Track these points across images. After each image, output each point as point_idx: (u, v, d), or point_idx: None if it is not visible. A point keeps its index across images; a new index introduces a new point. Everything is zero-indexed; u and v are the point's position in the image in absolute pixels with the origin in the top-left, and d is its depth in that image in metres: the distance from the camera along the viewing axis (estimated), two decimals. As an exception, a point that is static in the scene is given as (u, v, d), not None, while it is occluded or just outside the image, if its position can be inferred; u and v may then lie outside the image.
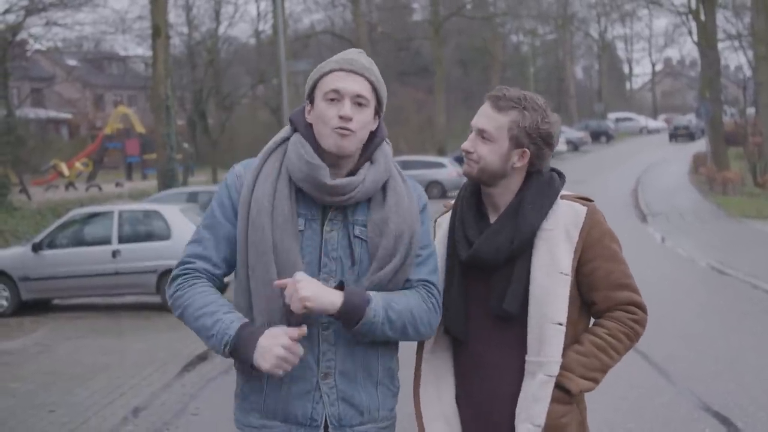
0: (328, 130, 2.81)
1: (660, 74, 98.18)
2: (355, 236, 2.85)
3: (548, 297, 2.87)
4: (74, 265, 14.17)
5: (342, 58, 2.89)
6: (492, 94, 2.98)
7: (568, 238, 2.90)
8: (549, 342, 2.86)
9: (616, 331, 2.90)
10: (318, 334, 2.82)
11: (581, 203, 2.96)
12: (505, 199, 2.99)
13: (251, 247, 2.80)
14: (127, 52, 55.32)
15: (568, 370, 2.87)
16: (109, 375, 9.69)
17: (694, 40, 40.30)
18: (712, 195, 29.80)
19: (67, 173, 37.30)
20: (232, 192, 2.91)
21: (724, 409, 7.37)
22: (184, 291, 2.87)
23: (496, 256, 2.90)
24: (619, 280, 2.93)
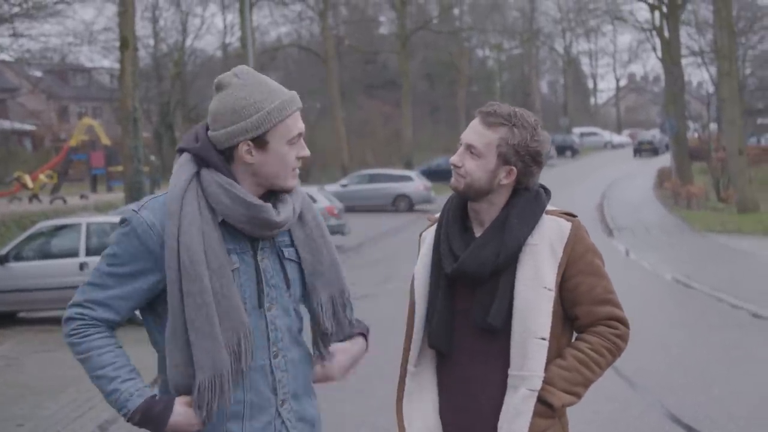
0: (288, 171, 2.79)
1: (624, 89, 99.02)
2: (286, 258, 2.86)
3: (532, 312, 2.88)
4: (41, 277, 14.03)
5: (291, 96, 2.79)
6: (483, 110, 2.99)
7: (552, 253, 2.92)
8: (532, 356, 2.87)
9: (598, 346, 2.92)
10: (270, 365, 2.81)
11: (566, 219, 2.97)
12: (491, 215, 3.00)
13: (188, 299, 2.67)
14: (93, 63, 54.94)
15: (550, 384, 2.88)
16: (78, 388, 9.60)
17: (658, 56, 40.82)
18: (676, 209, 30.11)
19: (31, 185, 36.91)
20: (149, 241, 2.72)
21: (694, 421, 7.44)
22: (80, 340, 2.74)
23: (481, 270, 2.91)
24: (602, 295, 2.95)
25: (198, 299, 2.66)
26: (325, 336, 2.94)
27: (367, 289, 15.63)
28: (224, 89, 2.78)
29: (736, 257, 19.30)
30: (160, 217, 2.74)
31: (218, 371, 2.67)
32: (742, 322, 11.97)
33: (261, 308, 2.79)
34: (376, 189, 34.48)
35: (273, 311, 2.81)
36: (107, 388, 2.70)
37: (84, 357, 2.74)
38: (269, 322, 2.80)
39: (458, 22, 62.76)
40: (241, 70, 2.81)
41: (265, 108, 2.73)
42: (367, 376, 6.68)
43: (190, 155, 2.80)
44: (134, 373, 2.74)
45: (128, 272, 2.74)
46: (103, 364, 2.72)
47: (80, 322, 2.74)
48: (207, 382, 2.68)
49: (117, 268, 2.75)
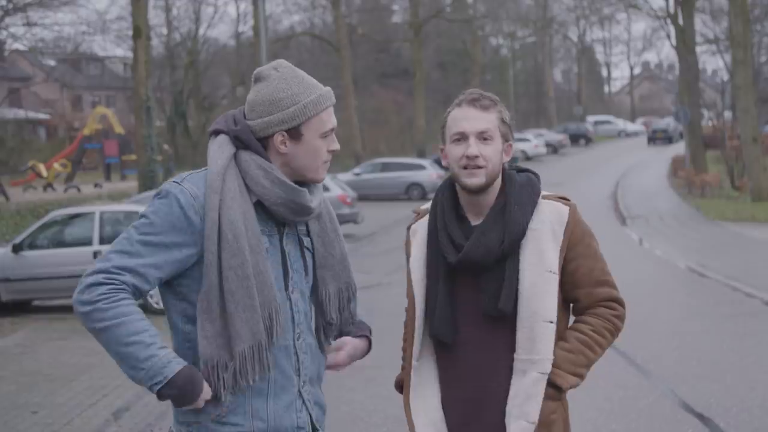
0: (320, 164, 2.87)
1: (638, 78, 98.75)
2: (305, 248, 2.95)
3: (538, 295, 2.91)
4: (55, 266, 14.08)
5: (327, 91, 2.88)
6: (469, 98, 3.02)
7: (554, 237, 2.95)
8: (541, 340, 2.90)
9: (599, 327, 2.99)
10: (294, 345, 2.88)
11: (563, 203, 3.01)
12: (488, 202, 3.01)
13: (229, 272, 2.72)
14: (106, 52, 55.05)
15: (557, 367, 2.92)
16: (91, 376, 9.65)
17: (673, 44, 40.60)
18: (690, 198, 30.00)
19: (46, 174, 37.12)
20: (190, 213, 2.74)
21: (706, 410, 7.43)
22: (109, 305, 2.65)
23: (486, 257, 2.93)
24: (600, 277, 3.01)
25: (239, 272, 2.72)
26: (329, 326, 3.02)
27: (379, 277, 15.65)
28: (263, 81, 2.86)
29: (750, 246, 19.23)
30: (202, 190, 2.78)
31: (257, 341, 2.74)
32: (756, 310, 11.93)
33: (286, 290, 2.86)
34: (389, 178, 34.46)
35: (295, 294, 2.89)
36: (142, 354, 2.63)
37: (115, 323, 2.64)
38: (293, 304, 2.88)
39: (471, 10, 62.54)
40: (280, 63, 2.89)
41: (302, 101, 2.81)
42: (379, 365, 6.68)
43: (228, 137, 2.85)
44: (165, 343, 2.72)
45: (164, 242, 2.73)
46: (138, 329, 2.65)
47: (109, 287, 2.66)
48: (247, 351, 2.73)
49: (152, 237, 2.73)
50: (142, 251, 2.72)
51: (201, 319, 2.75)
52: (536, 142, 57.46)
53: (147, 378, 2.65)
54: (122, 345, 2.64)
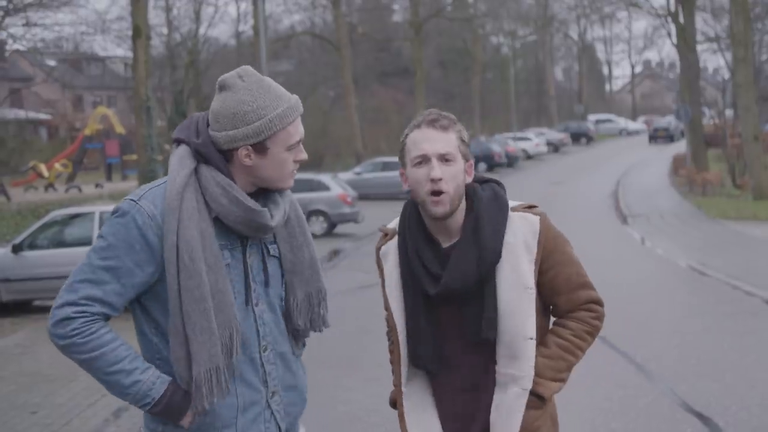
0: (287, 175, 2.83)
1: (639, 76, 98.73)
2: (270, 255, 2.92)
3: (516, 313, 2.88)
4: (55, 266, 14.05)
5: (296, 102, 2.81)
6: (427, 119, 2.92)
7: (527, 250, 2.90)
8: (522, 357, 2.89)
9: (579, 331, 2.98)
10: (260, 358, 2.87)
11: (533, 213, 2.95)
12: (456, 223, 2.93)
13: (186, 294, 2.68)
14: (107, 52, 55.02)
15: (538, 375, 2.91)
16: (91, 376, 9.62)
17: (674, 42, 40.56)
18: (691, 196, 29.97)
19: (47, 174, 37.12)
20: (148, 234, 2.70)
21: (706, 409, 7.41)
22: (85, 339, 2.67)
23: (465, 285, 2.87)
24: (577, 280, 2.99)
25: (196, 293, 2.67)
26: (297, 332, 3.00)
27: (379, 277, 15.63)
28: (228, 90, 2.77)
29: (751, 244, 19.20)
30: (160, 208, 2.73)
31: (214, 364, 2.70)
32: (756, 309, 11.91)
33: (249, 304, 2.83)
34: (389, 177, 34.39)
35: (260, 306, 2.87)
36: (126, 381, 2.67)
37: (94, 355, 2.66)
38: (257, 317, 2.86)
39: (472, 9, 62.54)
40: (246, 71, 2.79)
41: (268, 115, 2.74)
42: (378, 364, 6.66)
43: (189, 149, 2.80)
44: (146, 363, 2.74)
45: (125, 265, 2.69)
46: (118, 358, 2.67)
47: (82, 320, 2.66)
48: (203, 375, 2.70)
49: (112, 261, 2.68)
50: (105, 277, 2.68)
51: (172, 342, 2.74)
52: (537, 141, 57.45)
53: (135, 401, 2.71)
54: (105, 374, 2.68)
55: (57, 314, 2.68)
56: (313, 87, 51.26)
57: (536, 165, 51.48)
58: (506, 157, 47.40)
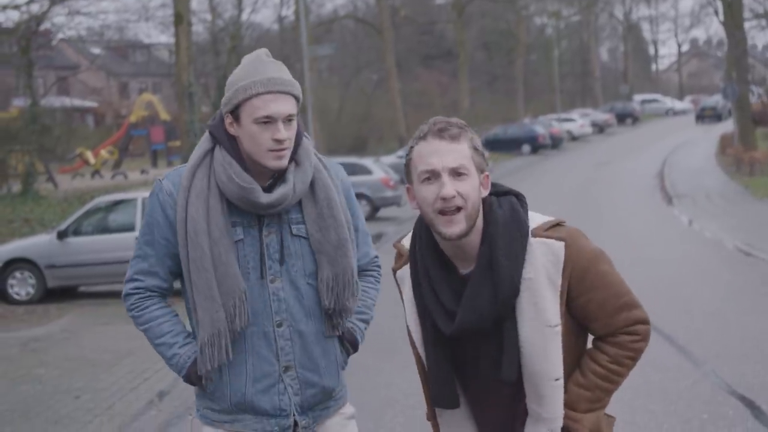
0: (264, 151, 2.91)
1: (686, 55, 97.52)
2: (293, 235, 3.01)
3: (539, 355, 2.62)
4: (99, 252, 14.25)
5: (267, 79, 2.89)
6: (435, 128, 2.61)
7: (551, 283, 2.61)
8: (549, 400, 2.66)
9: (619, 357, 2.68)
10: (273, 332, 3.00)
11: (557, 239, 2.62)
12: (472, 244, 2.65)
13: (192, 264, 2.93)
14: (151, 39, 55.48)
15: (572, 408, 2.69)
16: (133, 360, 9.75)
17: (720, 19, 39.89)
18: (738, 176, 29.56)
19: (93, 161, 37.54)
20: (167, 210, 2.99)
21: (748, 391, 7.31)
22: (139, 313, 3.05)
23: (481, 324, 2.62)
24: (615, 304, 2.66)
25: (199, 264, 2.91)
26: (328, 312, 3.06)
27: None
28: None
29: (799, 224, 18.91)
30: (177, 187, 3.00)
31: (216, 329, 2.91)
32: (803, 289, 11.74)
33: (263, 279, 2.97)
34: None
35: (277, 283, 2.99)
36: (167, 353, 3.01)
37: (145, 328, 3.04)
38: (272, 293, 2.99)
39: (515, -11, 62.08)
40: (256, 52, 2.99)
41: (237, 85, 2.91)
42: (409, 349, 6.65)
43: (208, 132, 3.04)
44: (189, 338, 3.04)
45: (156, 239, 3.01)
46: (162, 332, 3.02)
47: (136, 296, 3.05)
48: (207, 339, 2.93)
49: (149, 236, 3.03)
50: (148, 251, 3.03)
51: (186, 309, 3.06)
52: (582, 122, 56.99)
53: (174, 370, 3.06)
54: (154, 345, 3.06)
55: (123, 290, 3.10)
56: (356, 71, 51.25)
57: (581, 146, 51.08)
58: (551, 138, 47.11)
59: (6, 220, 21.78)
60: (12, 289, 14.51)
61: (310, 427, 3.07)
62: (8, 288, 14.51)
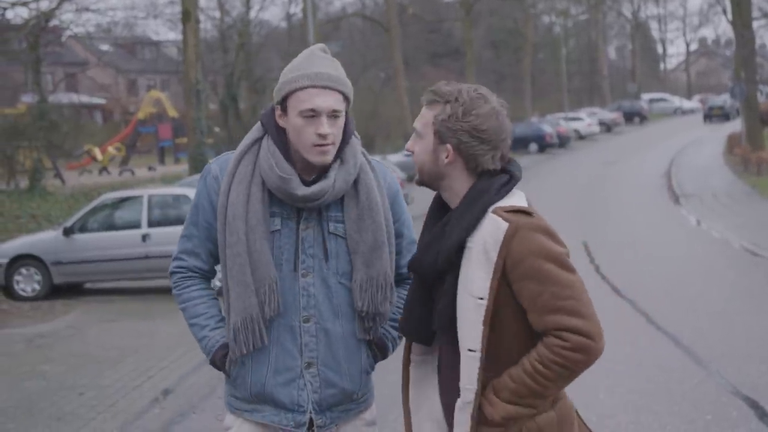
0: (308, 145, 2.92)
1: (695, 54, 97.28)
2: (329, 233, 3.00)
3: (462, 321, 2.72)
4: (105, 249, 14.27)
5: (314, 73, 2.91)
6: (427, 89, 2.87)
7: (486, 258, 2.67)
8: (463, 368, 2.73)
9: (545, 359, 2.66)
10: (299, 327, 2.99)
11: (505, 218, 2.68)
12: (451, 205, 2.85)
13: (228, 249, 2.96)
14: (159, 36, 55.55)
15: (495, 393, 2.71)
16: (138, 358, 9.76)
17: (729, 18, 39.80)
18: (746, 176, 29.48)
19: (101, 158, 37.61)
20: (212, 194, 3.04)
21: (753, 392, 7.29)
22: (180, 291, 3.13)
23: (428, 270, 2.81)
24: (549, 303, 2.65)
25: (234, 249, 2.93)
26: (361, 315, 3.03)
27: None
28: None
29: (806, 224, 18.84)
30: (224, 172, 3.04)
31: (248, 313, 2.93)
32: (809, 290, 11.70)
33: (296, 272, 2.98)
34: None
35: (308, 279, 2.98)
36: (199, 334, 3.07)
37: (183, 307, 3.11)
38: (302, 288, 2.98)
39: (523, -12, 61.96)
40: (311, 48, 3.01)
41: (287, 77, 2.95)
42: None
43: (259, 122, 3.07)
44: (222, 323, 3.07)
45: (200, 221, 3.08)
46: (196, 314, 3.08)
47: (179, 275, 3.12)
48: (240, 323, 2.95)
49: (194, 217, 3.10)
50: (193, 231, 3.10)
51: (223, 292, 3.04)
52: (589, 121, 56.90)
53: (203, 352, 3.09)
54: (189, 325, 3.11)
55: (170, 267, 3.17)
56: (364, 68, 51.22)
57: (589, 145, 51.01)
58: (558, 137, 47.04)
59: (13, 216, 21.81)
60: (18, 285, 14.53)
61: (327, 426, 3.05)
62: (14, 284, 14.52)
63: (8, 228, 19.90)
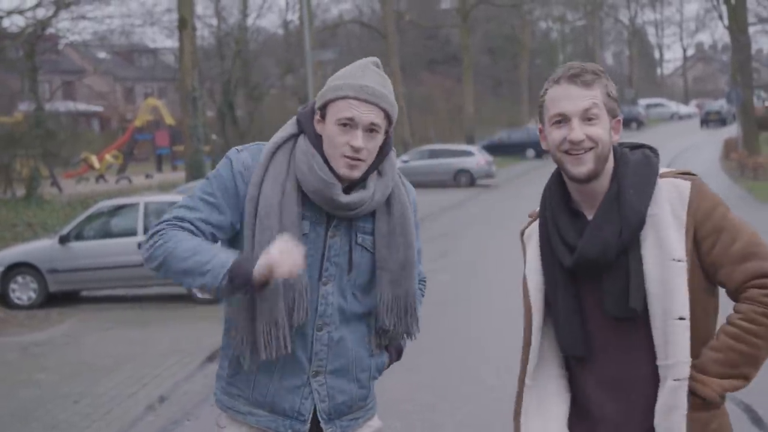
0: (338, 156, 2.83)
1: (691, 59, 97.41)
2: (357, 243, 2.92)
3: (666, 290, 2.55)
4: (101, 256, 14.26)
5: (359, 85, 2.82)
6: (568, 74, 2.65)
7: (676, 219, 2.58)
8: (673, 341, 2.53)
9: (751, 314, 2.51)
10: (312, 335, 2.91)
11: (683, 178, 2.64)
12: (601, 189, 2.66)
13: (257, 247, 2.79)
14: (156, 44, 55.57)
15: (702, 372, 2.54)
16: (133, 366, 9.76)
17: (725, 24, 39.88)
18: (742, 180, 29.53)
19: (98, 166, 37.61)
20: (239, 181, 2.87)
21: (746, 396, 7.27)
22: (167, 238, 2.79)
23: (605, 254, 2.59)
24: (743, 250, 2.56)
25: (265, 248, 2.71)
26: (383, 331, 3.00)
27: (426, 264, 15.61)
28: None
29: (802, 229, 18.86)
30: (255, 162, 2.90)
31: (274, 319, 2.79)
32: (804, 295, 11.70)
33: (319, 280, 2.88)
34: (437, 164, 34.41)
35: (328, 287, 2.89)
36: (204, 257, 2.71)
37: (172, 248, 2.75)
38: (320, 295, 2.89)
39: (520, -6, 62.08)
40: (365, 60, 2.91)
41: (331, 84, 2.87)
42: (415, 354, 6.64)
43: (296, 118, 2.96)
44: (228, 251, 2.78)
45: (216, 203, 2.87)
46: (197, 243, 2.76)
47: (166, 224, 2.82)
48: (264, 328, 2.81)
49: (208, 196, 2.88)
50: (200, 206, 2.86)
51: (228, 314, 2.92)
52: (587, 127, 56.89)
53: (216, 274, 2.69)
54: (184, 260, 2.73)
55: (149, 232, 2.85)
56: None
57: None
58: (555, 143, 47.03)
59: (9, 224, 21.80)
60: (14, 293, 14.52)
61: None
62: (10, 293, 14.51)
63: (4, 236, 19.89)
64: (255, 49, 45.80)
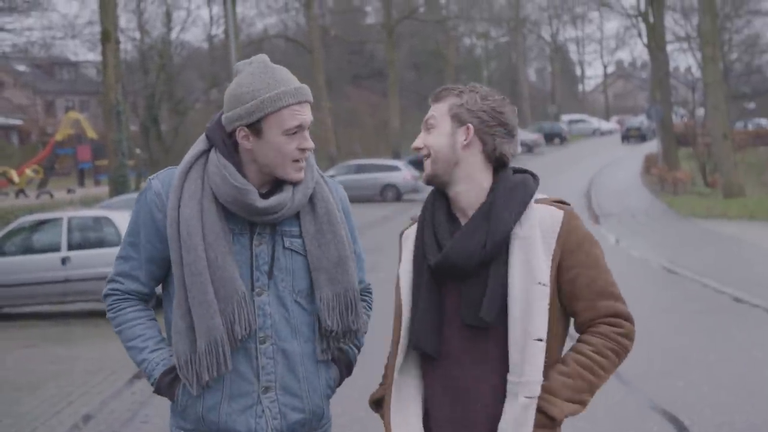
0: (288, 162, 2.80)
1: (612, 76, 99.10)
2: (285, 248, 2.87)
3: (527, 310, 2.64)
4: (23, 272, 13.98)
5: (294, 88, 2.79)
6: (433, 92, 2.89)
7: (545, 244, 2.69)
8: (530, 361, 2.64)
9: (601, 347, 2.68)
10: (255, 349, 2.84)
11: (558, 207, 2.75)
12: (473, 198, 2.77)
13: (185, 268, 2.77)
14: (78, 57, 54.76)
15: (552, 394, 2.66)
16: (58, 383, 9.57)
17: (644, 42, 40.78)
18: (663, 195, 30.16)
19: (17, 180, 36.89)
20: (154, 211, 2.86)
21: (672, 407, 7.45)
22: (115, 314, 2.94)
23: (468, 261, 2.68)
24: (602, 288, 2.72)
25: (193, 268, 2.76)
26: (329, 333, 2.91)
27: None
28: (237, 75, 2.85)
29: (721, 242, 19.34)
30: (167, 188, 2.87)
31: (213, 337, 2.75)
32: (725, 306, 11.99)
33: (252, 291, 2.83)
34: (363, 179, 34.47)
35: (263, 297, 2.83)
36: (137, 358, 2.89)
37: (118, 330, 2.93)
38: (257, 307, 2.83)
39: (445, 10, 62.66)
40: (258, 58, 2.86)
41: (261, 96, 2.76)
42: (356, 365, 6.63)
43: (204, 135, 2.91)
44: (162, 343, 2.90)
45: (140, 241, 2.88)
46: (133, 336, 2.89)
47: (114, 298, 2.93)
48: (204, 347, 2.77)
49: (133, 237, 2.90)
50: (131, 253, 2.90)
51: (174, 315, 2.84)
52: (511, 142, 57.44)
53: (146, 377, 2.90)
54: (126, 348, 2.93)
55: (104, 289, 2.97)
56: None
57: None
58: (480, 158, 47.40)
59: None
60: (-68, 311, 14.17)
61: None
62: (-72, 310, 14.15)
63: None
64: (179, 63, 45.43)
